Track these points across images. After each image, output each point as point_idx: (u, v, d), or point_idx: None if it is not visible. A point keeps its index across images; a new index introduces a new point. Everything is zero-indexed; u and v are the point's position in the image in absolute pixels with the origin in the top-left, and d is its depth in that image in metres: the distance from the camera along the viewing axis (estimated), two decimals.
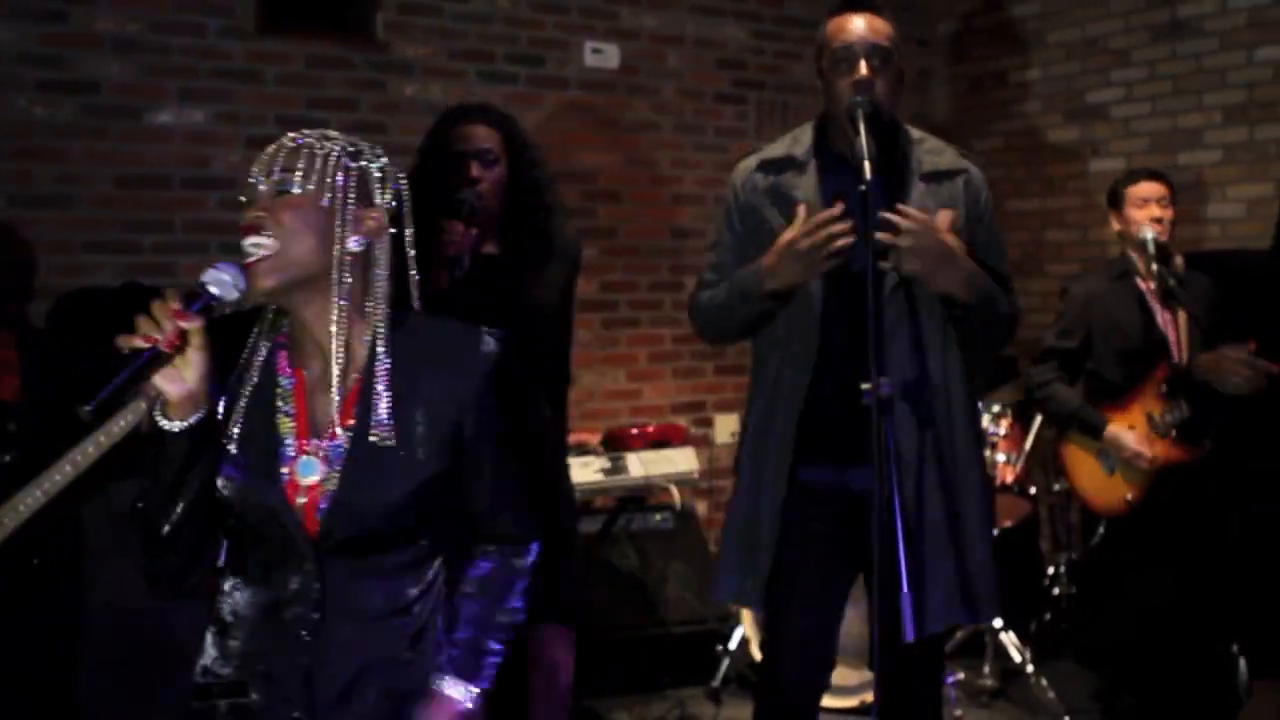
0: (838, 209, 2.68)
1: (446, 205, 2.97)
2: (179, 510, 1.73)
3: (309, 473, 1.78)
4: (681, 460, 4.94)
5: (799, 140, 2.95)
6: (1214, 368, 3.93)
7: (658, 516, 4.98)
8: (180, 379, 1.67)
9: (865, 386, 2.53)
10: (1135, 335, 4.17)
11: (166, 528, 1.73)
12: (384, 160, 1.87)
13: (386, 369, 1.79)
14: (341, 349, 1.78)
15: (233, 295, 1.70)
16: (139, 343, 1.63)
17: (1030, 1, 6.13)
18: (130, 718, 3.93)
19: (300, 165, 1.78)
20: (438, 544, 1.89)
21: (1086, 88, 5.88)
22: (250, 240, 1.74)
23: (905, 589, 2.38)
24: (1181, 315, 4.12)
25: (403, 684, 1.83)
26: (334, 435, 1.78)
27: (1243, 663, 4.07)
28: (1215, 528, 4.07)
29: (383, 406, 1.78)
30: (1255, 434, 4.10)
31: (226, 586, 1.86)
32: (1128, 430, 4.10)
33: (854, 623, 3.10)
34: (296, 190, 1.76)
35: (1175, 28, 5.49)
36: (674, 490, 5.05)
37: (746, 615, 4.66)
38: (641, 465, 4.92)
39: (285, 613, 1.79)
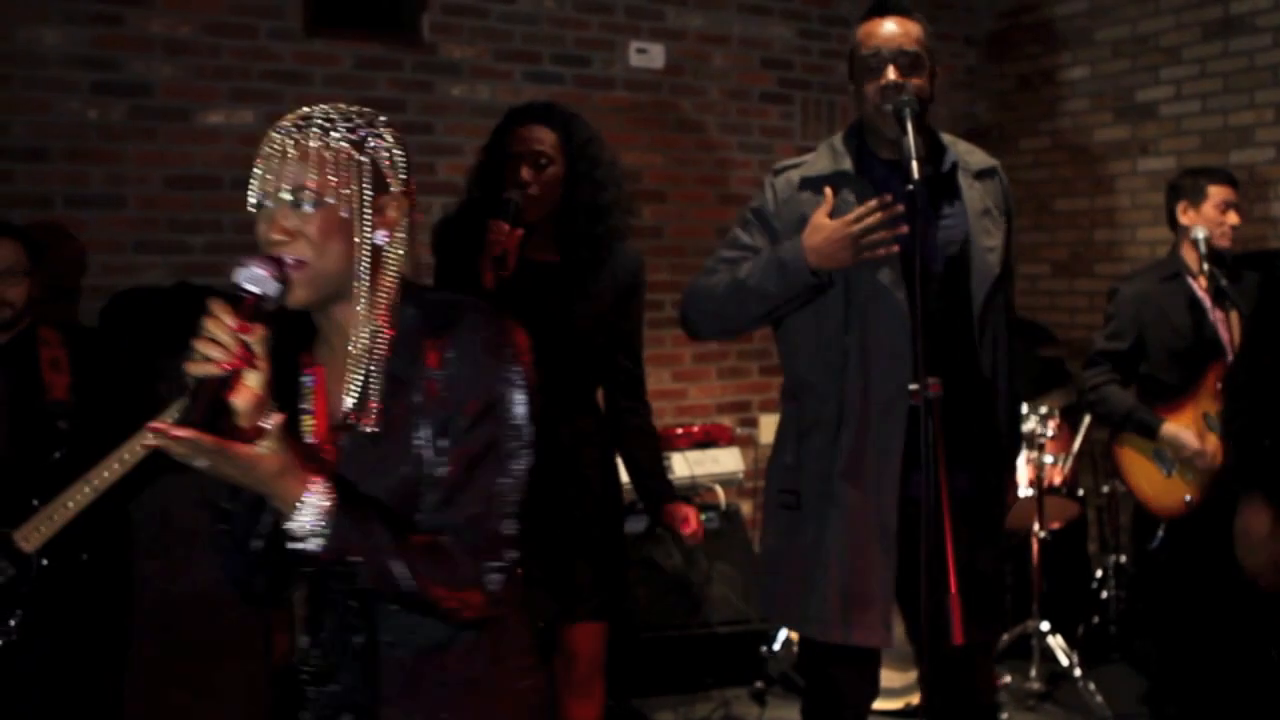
0: (888, 198, 2.68)
1: (495, 205, 2.99)
2: (266, 526, 1.70)
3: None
4: (727, 460, 4.94)
5: (840, 153, 2.91)
6: None
7: (703, 516, 4.97)
8: (247, 388, 1.59)
9: (912, 388, 2.53)
10: (1188, 335, 4.13)
11: (256, 544, 1.71)
12: (387, 135, 1.77)
13: (382, 355, 1.74)
14: (359, 340, 1.74)
15: (274, 289, 1.64)
16: (210, 369, 1.56)
17: None
18: (178, 711, 3.97)
19: (312, 177, 1.68)
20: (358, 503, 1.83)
21: (1136, 86, 5.83)
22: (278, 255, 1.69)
23: (954, 591, 2.38)
24: (1234, 314, 4.08)
25: (463, 669, 1.81)
26: (346, 428, 1.76)
27: None
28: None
29: (372, 394, 1.73)
30: None
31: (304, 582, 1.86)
32: (1185, 429, 4.06)
33: (900, 624, 3.08)
34: (310, 209, 1.68)
35: (1227, 25, 5.43)
36: (719, 490, 5.05)
37: None
38: (687, 465, 4.93)
39: (339, 605, 1.80)
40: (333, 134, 1.71)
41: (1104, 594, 5.29)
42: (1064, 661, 4.71)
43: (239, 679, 4.12)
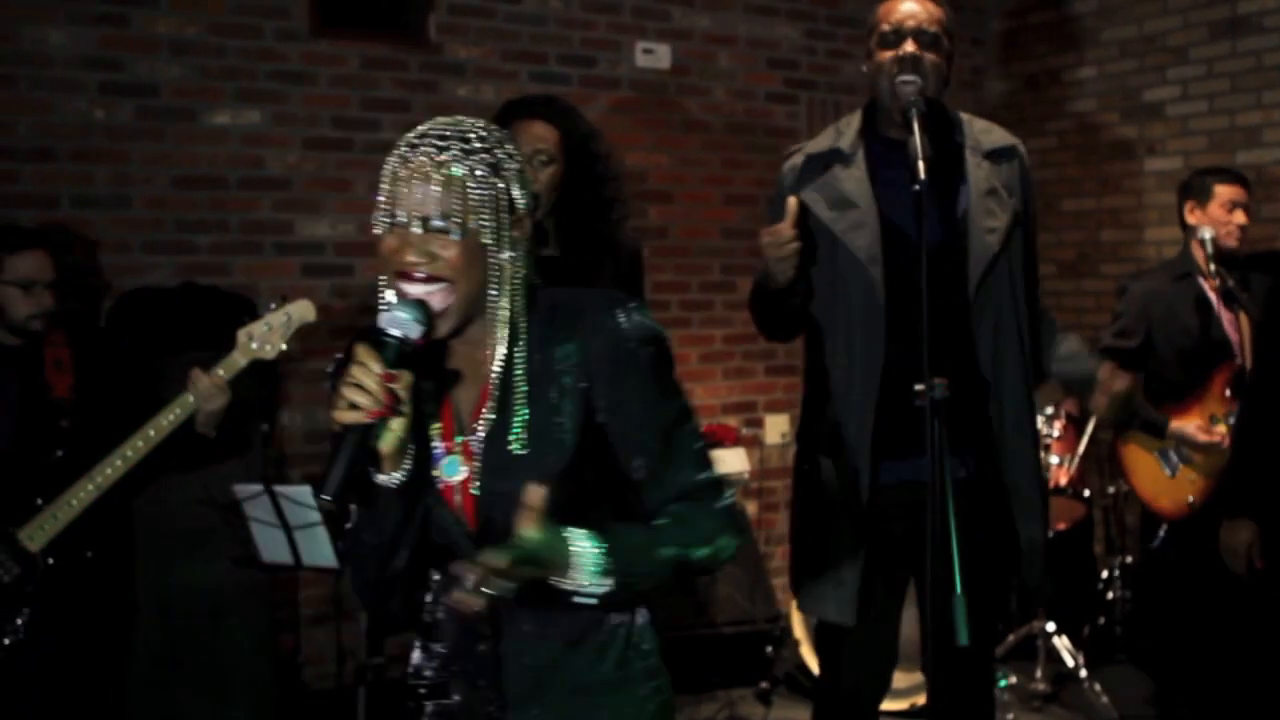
0: (785, 224, 2.74)
1: None
2: (403, 559, 1.73)
3: (453, 471, 1.78)
4: (732, 461, 4.93)
5: (843, 132, 2.95)
6: None
7: None
8: (392, 434, 1.61)
9: (918, 387, 2.52)
10: (1197, 335, 4.12)
11: (397, 566, 1.74)
12: (514, 158, 1.76)
13: (521, 360, 1.76)
14: (494, 358, 1.76)
15: (417, 332, 1.64)
16: (359, 417, 1.57)
17: None
18: (182, 710, 3.98)
19: (455, 206, 1.67)
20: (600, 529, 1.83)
21: (1143, 86, 5.81)
22: (421, 290, 1.68)
23: (959, 591, 2.37)
24: (1243, 316, 4.07)
25: (589, 676, 1.83)
26: (474, 431, 1.77)
27: None
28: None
29: (515, 398, 1.75)
30: None
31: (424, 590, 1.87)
32: (1190, 424, 4.05)
33: (907, 625, 3.07)
34: (453, 236, 1.67)
35: (1235, 25, 5.42)
36: None
37: (798, 616, 4.65)
38: None
39: (461, 614, 1.77)
40: (473, 158, 1.70)
41: (1110, 595, 5.28)
42: (1069, 662, 4.70)
43: (244, 678, 4.13)
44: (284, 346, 3.16)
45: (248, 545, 3.61)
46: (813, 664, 4.39)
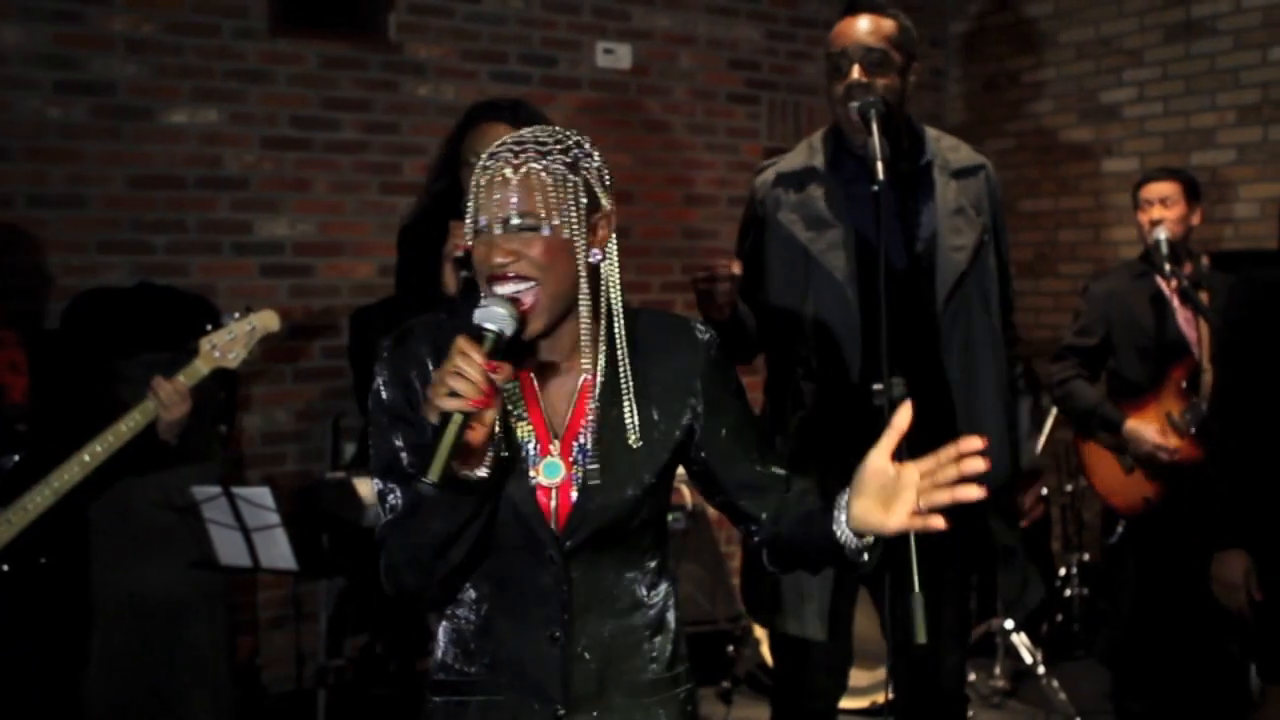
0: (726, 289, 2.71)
1: (458, 206, 2.95)
2: (461, 552, 1.72)
3: (554, 474, 1.79)
4: None
5: (816, 149, 2.95)
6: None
7: (669, 516, 4.97)
8: (483, 426, 1.62)
9: (876, 388, 2.54)
10: (1154, 334, 4.16)
11: (443, 568, 1.73)
12: (594, 155, 1.82)
13: (626, 368, 1.82)
14: (581, 353, 1.79)
15: (510, 328, 1.66)
16: (462, 404, 1.58)
17: (1043, 1, 6.12)
18: (138, 717, 3.94)
19: (539, 203, 1.71)
20: (661, 533, 1.93)
21: (1100, 88, 5.87)
22: (510, 289, 1.71)
23: (916, 590, 2.38)
24: (1201, 316, 4.11)
25: (645, 678, 1.87)
26: (573, 435, 1.80)
27: (1254, 667, 4.06)
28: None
29: (626, 405, 1.80)
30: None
31: (467, 589, 1.86)
32: (1147, 425, 4.09)
33: (865, 624, 3.09)
34: (546, 233, 1.72)
35: (1189, 27, 5.48)
36: (685, 490, 5.05)
37: None
38: None
39: (533, 613, 1.80)
40: (549, 158, 1.74)
41: (1068, 592, 5.32)
42: (1028, 659, 4.74)
43: (203, 680, 4.10)
44: (246, 356, 3.13)
45: (206, 547, 3.59)
46: (772, 663, 4.40)
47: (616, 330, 1.82)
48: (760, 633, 4.64)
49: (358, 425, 4.58)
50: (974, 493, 1.63)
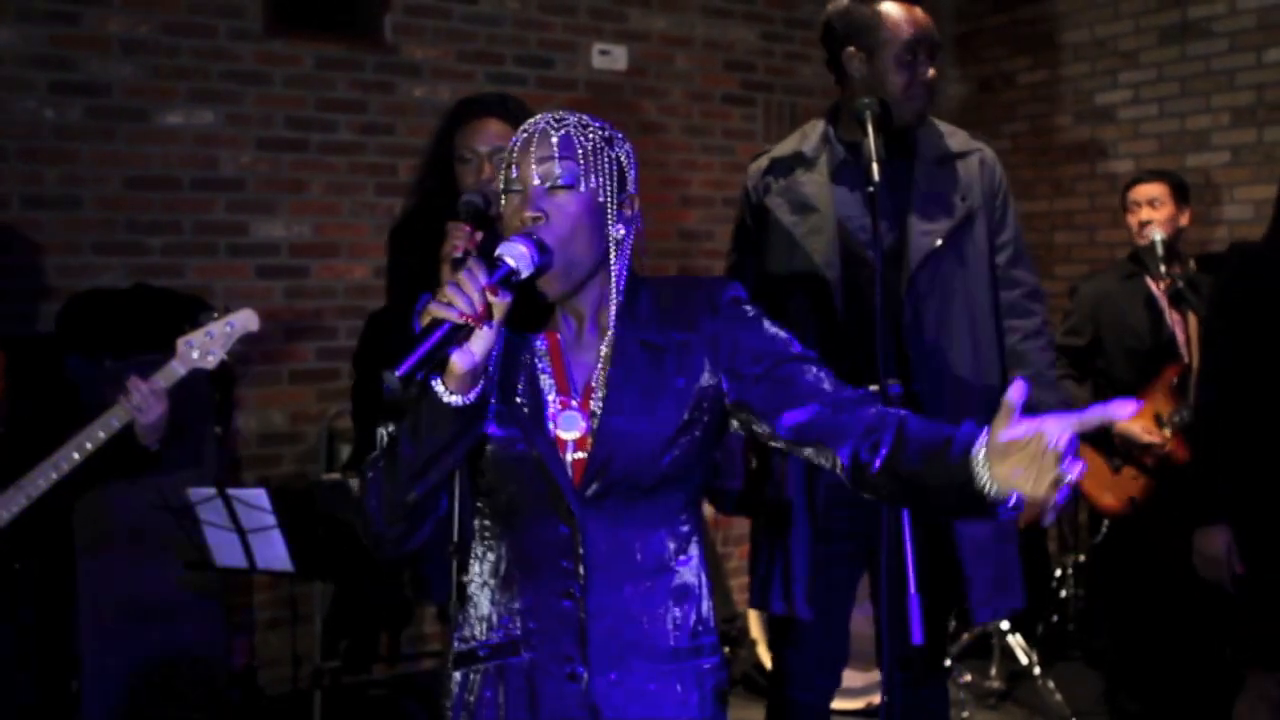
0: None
1: (453, 206, 2.93)
2: (430, 483, 1.73)
3: (571, 427, 1.81)
4: None
5: (808, 136, 2.98)
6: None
7: None
8: (470, 352, 1.63)
9: (873, 389, 2.54)
10: (1144, 335, 4.17)
11: (412, 497, 1.73)
12: (625, 141, 1.88)
13: (643, 322, 1.85)
14: (603, 316, 1.84)
15: (527, 270, 1.68)
16: (448, 313, 1.59)
17: (1040, 3, 6.13)
18: (139, 717, 3.94)
19: (580, 159, 1.77)
20: (692, 498, 1.90)
21: (1095, 89, 5.88)
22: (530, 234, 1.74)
23: (913, 591, 2.39)
24: (1192, 317, 4.12)
25: (667, 644, 1.85)
26: (592, 391, 1.83)
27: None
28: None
29: (644, 365, 1.83)
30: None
31: (480, 551, 1.88)
32: (1135, 424, 4.09)
33: (860, 624, 3.09)
34: (583, 189, 1.76)
35: (1184, 29, 5.49)
36: None
37: (754, 617, 4.66)
38: None
39: (548, 570, 1.81)
40: (589, 130, 1.80)
41: (1063, 593, 5.33)
42: (1023, 660, 4.74)
43: (199, 682, 4.10)
44: (225, 356, 3.10)
45: (201, 548, 3.58)
46: (769, 664, 4.40)
47: (634, 297, 1.86)
48: (756, 633, 4.64)
49: (352, 427, 4.57)
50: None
